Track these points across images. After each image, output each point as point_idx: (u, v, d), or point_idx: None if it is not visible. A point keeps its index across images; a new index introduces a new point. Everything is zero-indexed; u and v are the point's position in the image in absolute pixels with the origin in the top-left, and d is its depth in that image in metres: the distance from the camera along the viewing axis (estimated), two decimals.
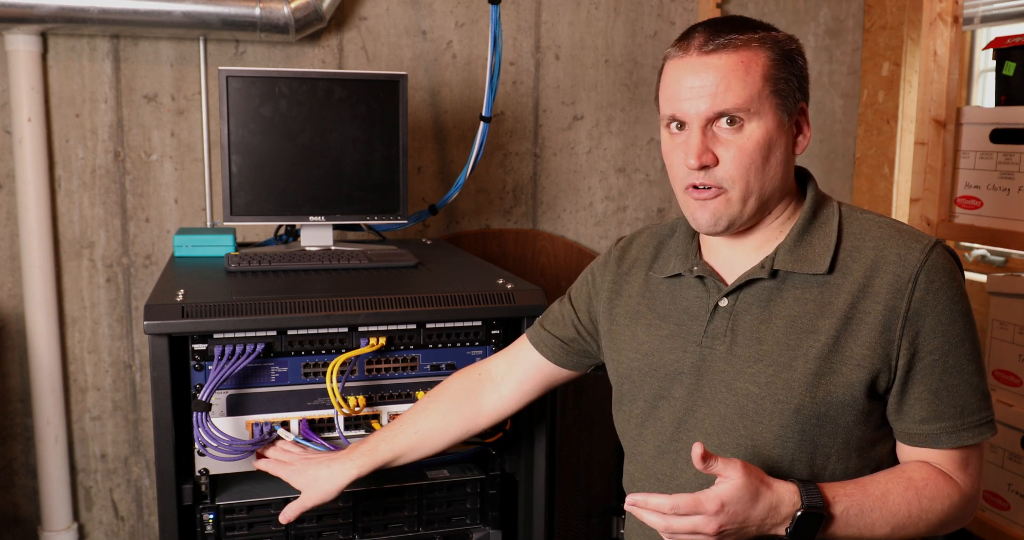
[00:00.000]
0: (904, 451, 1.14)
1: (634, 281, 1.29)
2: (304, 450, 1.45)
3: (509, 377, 1.41)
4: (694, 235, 1.24)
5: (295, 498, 1.40)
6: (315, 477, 1.38)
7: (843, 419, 1.09)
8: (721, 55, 1.08)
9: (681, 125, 1.12)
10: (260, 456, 1.45)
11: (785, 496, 1.03)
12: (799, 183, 1.20)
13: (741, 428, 1.12)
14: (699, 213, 1.13)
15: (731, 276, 1.17)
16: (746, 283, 1.14)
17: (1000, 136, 2.03)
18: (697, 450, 0.99)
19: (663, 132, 1.17)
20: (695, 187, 1.12)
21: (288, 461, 1.42)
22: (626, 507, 1.04)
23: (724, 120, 1.09)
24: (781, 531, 1.04)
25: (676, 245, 1.25)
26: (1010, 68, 2.02)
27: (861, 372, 1.07)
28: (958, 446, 1.10)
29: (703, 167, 1.09)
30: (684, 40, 1.12)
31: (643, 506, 1.02)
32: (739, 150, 1.09)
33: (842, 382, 1.08)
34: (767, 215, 1.16)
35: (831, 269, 1.11)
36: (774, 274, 1.13)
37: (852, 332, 1.08)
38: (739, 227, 1.14)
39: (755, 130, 1.09)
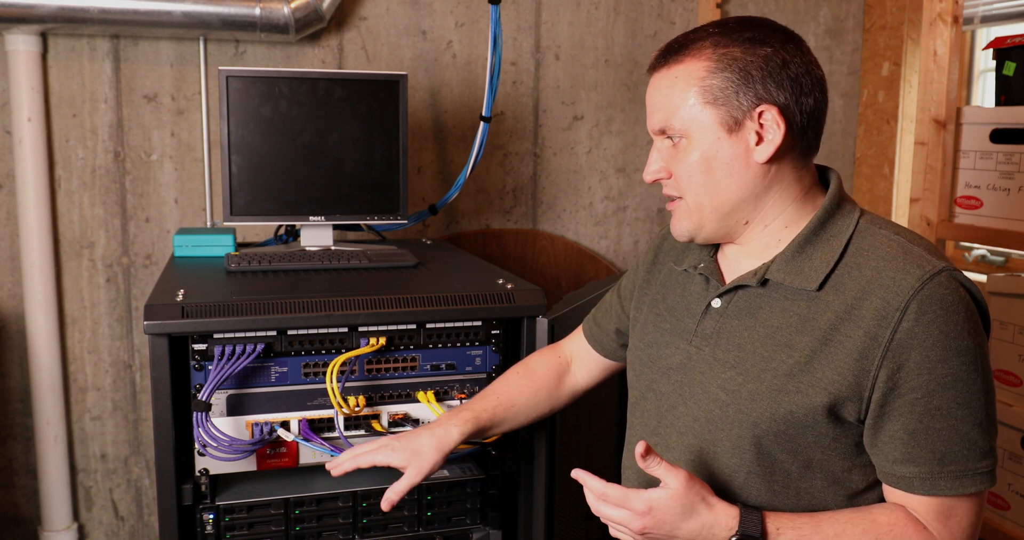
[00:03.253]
0: (885, 489, 1.07)
1: (662, 271, 1.29)
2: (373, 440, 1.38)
3: (582, 368, 1.45)
4: None
5: (296, 497, 1.40)
6: (417, 449, 1.30)
7: (803, 440, 1.04)
8: (660, 71, 1.10)
9: None
10: (338, 467, 1.33)
11: (723, 520, 1.01)
12: (824, 185, 1.13)
13: (705, 433, 1.10)
14: (671, 223, 1.17)
15: (732, 277, 1.15)
16: (737, 287, 1.12)
17: (1000, 136, 2.03)
18: (639, 448, 0.99)
19: None
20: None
21: (374, 449, 1.32)
22: (572, 474, 1.08)
23: (666, 137, 1.12)
24: None
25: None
26: (1010, 68, 2.02)
27: (824, 396, 1.01)
28: (933, 494, 1.01)
29: (656, 180, 1.13)
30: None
31: (582, 483, 1.05)
32: (678, 165, 1.10)
33: (804, 403, 1.02)
34: (747, 226, 1.11)
35: (822, 286, 1.04)
36: (764, 283, 1.09)
37: (828, 354, 1.02)
38: (709, 238, 1.14)
39: (691, 143, 1.08)
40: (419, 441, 1.31)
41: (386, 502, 1.29)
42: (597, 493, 1.03)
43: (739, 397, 1.07)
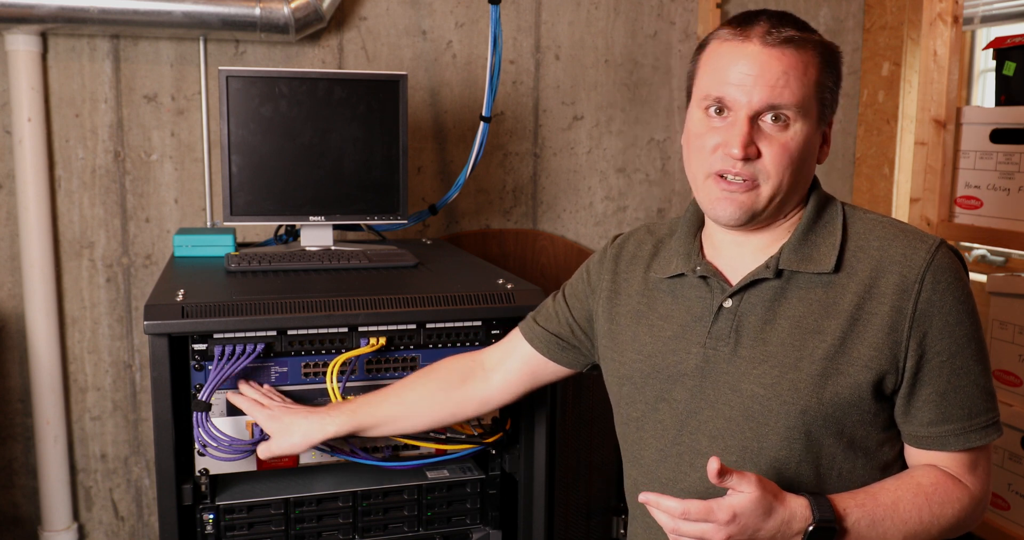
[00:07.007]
0: (912, 454, 1.13)
1: (633, 280, 1.27)
2: (284, 400, 1.44)
3: (499, 368, 1.39)
4: (696, 234, 1.23)
5: (296, 497, 1.40)
6: (290, 425, 1.36)
7: (849, 420, 1.08)
8: (785, 50, 1.07)
9: (721, 110, 1.10)
10: (237, 389, 1.43)
11: (797, 511, 1.03)
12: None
13: (747, 430, 1.11)
14: (722, 203, 1.10)
15: (735, 276, 1.16)
16: (751, 283, 1.13)
17: (1000, 136, 2.03)
18: (713, 466, 0.98)
19: (696, 112, 1.13)
20: (721, 176, 1.10)
21: (267, 405, 1.40)
22: (640, 499, 1.04)
23: (770, 115, 1.07)
24: None
25: (677, 244, 1.23)
26: (1010, 68, 2.02)
27: (868, 373, 1.07)
28: (966, 448, 1.09)
29: (745, 158, 1.07)
30: (743, 25, 1.09)
31: (654, 506, 1.02)
32: (782, 148, 1.08)
33: (849, 383, 1.07)
34: (780, 217, 1.15)
35: (837, 268, 1.10)
36: (779, 274, 1.12)
37: (859, 333, 1.07)
38: (756, 223, 1.13)
39: (800, 131, 1.08)
40: (296, 421, 1.37)
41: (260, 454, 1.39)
42: (678, 512, 1.00)
43: (780, 389, 1.09)
